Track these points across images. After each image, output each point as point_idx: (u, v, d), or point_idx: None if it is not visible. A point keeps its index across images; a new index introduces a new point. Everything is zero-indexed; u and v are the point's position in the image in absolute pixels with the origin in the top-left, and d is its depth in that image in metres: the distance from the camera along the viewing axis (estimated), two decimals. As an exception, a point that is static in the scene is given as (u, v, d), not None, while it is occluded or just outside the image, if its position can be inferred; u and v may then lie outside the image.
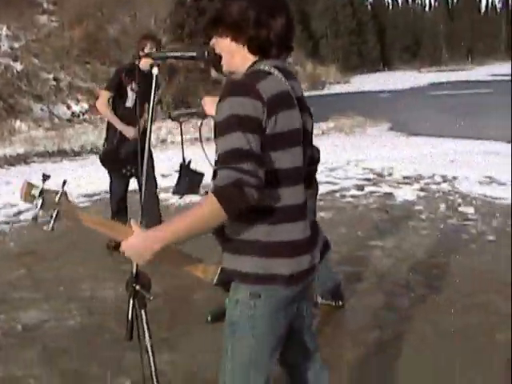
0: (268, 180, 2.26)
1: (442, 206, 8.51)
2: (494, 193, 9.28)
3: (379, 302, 5.30)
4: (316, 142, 2.66)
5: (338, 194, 9.66)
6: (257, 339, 2.43)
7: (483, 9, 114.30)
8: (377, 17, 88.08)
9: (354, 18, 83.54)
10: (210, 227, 2.29)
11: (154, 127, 7.16)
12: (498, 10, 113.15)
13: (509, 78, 39.89)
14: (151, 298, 2.65)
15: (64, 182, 2.50)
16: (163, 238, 2.28)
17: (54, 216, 2.46)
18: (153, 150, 7.50)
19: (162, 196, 9.62)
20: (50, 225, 2.47)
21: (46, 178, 2.46)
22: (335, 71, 58.44)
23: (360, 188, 10.01)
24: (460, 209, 8.42)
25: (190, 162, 8.84)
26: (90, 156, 14.99)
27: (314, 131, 2.66)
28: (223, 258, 2.45)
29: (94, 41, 26.24)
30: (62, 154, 15.87)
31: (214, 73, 2.69)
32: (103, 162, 6.99)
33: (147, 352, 2.65)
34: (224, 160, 2.21)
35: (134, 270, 2.62)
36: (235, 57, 2.50)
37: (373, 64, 77.16)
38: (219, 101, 2.31)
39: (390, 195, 9.43)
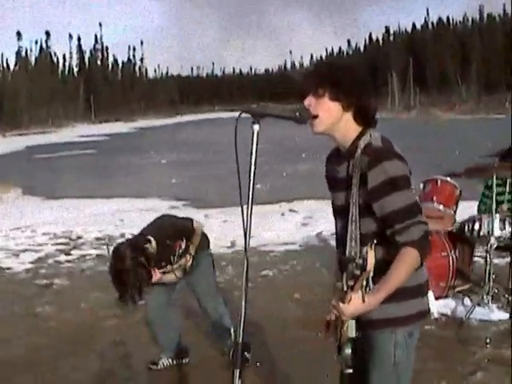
0: None
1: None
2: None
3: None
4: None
5: (51, 261, 9.40)
6: (410, 372, 2.81)
7: (60, 72, 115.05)
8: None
9: None
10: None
11: None
12: (76, 74, 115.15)
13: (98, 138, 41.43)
14: (258, 364, 2.73)
15: None
16: (380, 300, 2.55)
17: None
18: None
19: None
20: None
21: None
22: None
23: (67, 253, 9.82)
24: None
25: None
26: None
27: None
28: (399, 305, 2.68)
29: None
30: None
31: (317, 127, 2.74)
32: None
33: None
34: (407, 215, 2.58)
35: (241, 338, 2.60)
36: (339, 122, 2.70)
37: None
38: (372, 166, 2.59)
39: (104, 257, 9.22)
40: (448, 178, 6.96)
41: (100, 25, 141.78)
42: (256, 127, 2.57)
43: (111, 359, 5.64)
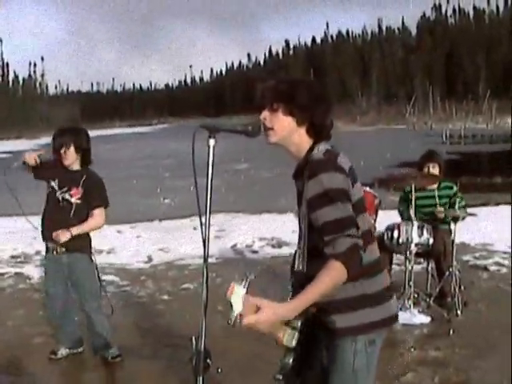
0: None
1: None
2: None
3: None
4: None
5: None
6: (372, 380, 2.88)
7: None
8: None
9: None
10: (332, 291, 2.60)
11: None
12: None
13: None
14: (220, 370, 2.84)
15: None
16: (298, 309, 2.57)
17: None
18: None
19: None
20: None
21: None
22: None
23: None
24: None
25: None
26: None
27: None
28: (330, 320, 2.75)
29: None
30: None
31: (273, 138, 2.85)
32: None
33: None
34: (334, 229, 2.61)
35: (203, 345, 2.68)
36: (293, 135, 2.80)
37: None
38: (310, 177, 2.66)
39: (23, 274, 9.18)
40: (367, 188, 7.11)
41: (0, 41, 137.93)
42: (212, 141, 2.67)
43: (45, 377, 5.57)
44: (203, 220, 2.64)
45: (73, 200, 5.42)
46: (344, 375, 2.80)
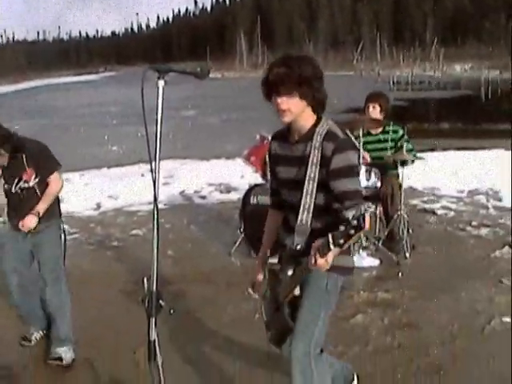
0: None
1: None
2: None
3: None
4: None
5: None
6: (333, 307, 3.45)
7: None
8: None
9: None
10: None
11: None
12: None
13: None
14: (172, 311, 2.83)
15: None
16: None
17: None
18: None
19: None
20: None
21: None
22: None
23: None
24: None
25: None
26: None
27: None
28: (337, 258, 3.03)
29: None
30: None
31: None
32: None
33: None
34: (355, 196, 3.10)
35: (155, 286, 2.71)
36: (304, 113, 3.18)
37: None
38: (339, 151, 3.07)
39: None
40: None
41: None
42: (161, 83, 2.68)
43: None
44: (153, 162, 2.73)
45: (31, 184, 4.84)
46: (319, 292, 3.30)
